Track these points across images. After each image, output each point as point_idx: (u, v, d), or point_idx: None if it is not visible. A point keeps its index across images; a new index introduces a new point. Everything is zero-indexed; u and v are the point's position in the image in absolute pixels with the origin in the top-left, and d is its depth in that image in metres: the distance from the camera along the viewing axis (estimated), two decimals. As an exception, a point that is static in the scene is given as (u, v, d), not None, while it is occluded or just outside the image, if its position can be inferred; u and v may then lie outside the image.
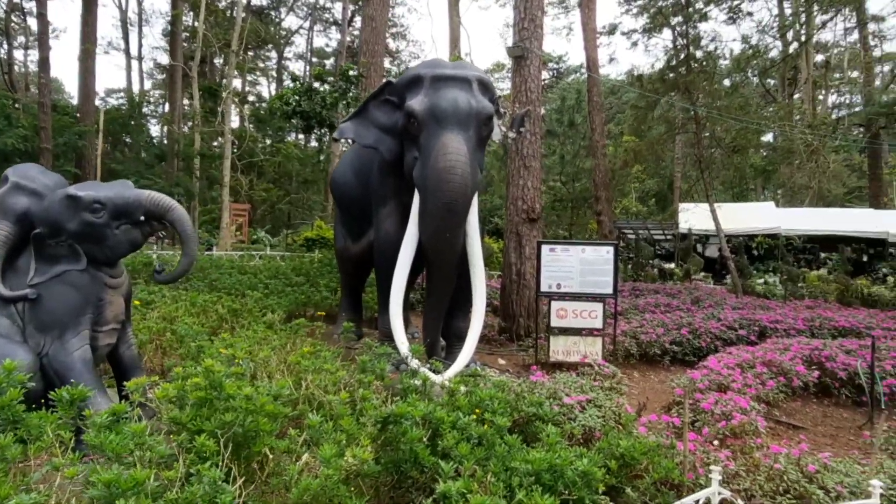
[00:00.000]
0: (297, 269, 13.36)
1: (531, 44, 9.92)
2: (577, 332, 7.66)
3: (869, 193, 34.77)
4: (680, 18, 18.26)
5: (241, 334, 5.36)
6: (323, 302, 10.57)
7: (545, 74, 56.85)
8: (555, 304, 7.64)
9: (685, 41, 15.48)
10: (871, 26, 37.24)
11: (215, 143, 37.81)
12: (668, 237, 28.59)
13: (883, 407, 7.44)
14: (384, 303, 6.24)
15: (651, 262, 23.31)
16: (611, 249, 7.66)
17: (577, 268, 7.62)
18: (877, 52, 42.56)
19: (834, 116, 41.11)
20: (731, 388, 5.84)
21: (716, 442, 4.66)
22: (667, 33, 22.52)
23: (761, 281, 19.19)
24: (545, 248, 7.67)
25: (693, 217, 23.39)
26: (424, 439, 3.25)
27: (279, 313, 7.71)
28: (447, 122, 5.65)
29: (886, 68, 44.68)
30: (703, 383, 5.80)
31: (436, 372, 5.13)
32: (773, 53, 36.34)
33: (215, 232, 28.67)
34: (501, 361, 8.35)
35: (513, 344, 9.68)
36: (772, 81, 40.30)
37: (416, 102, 5.83)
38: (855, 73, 44.00)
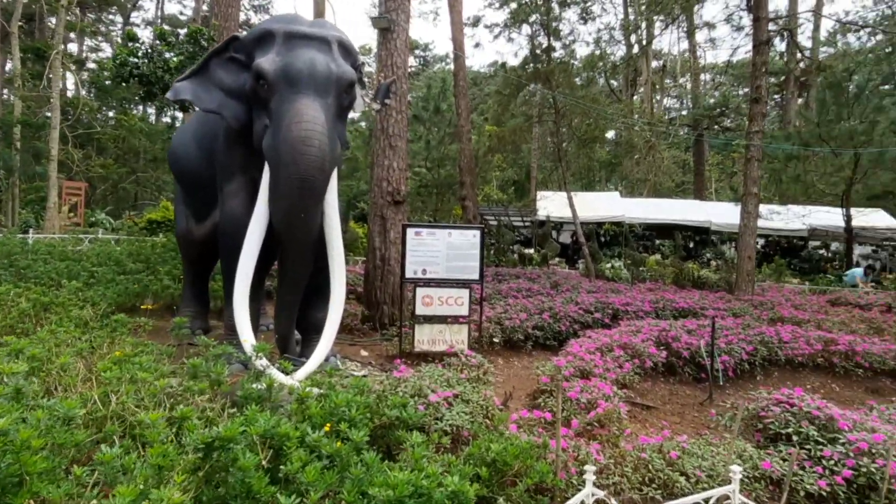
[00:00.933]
0: (134, 254, 11.73)
1: (398, 16, 9.35)
2: (443, 319, 7.31)
3: (694, 187, 38.66)
4: (538, 16, 18.71)
5: (38, 336, 4.27)
6: (163, 292, 9.27)
7: (412, 61, 56.52)
8: (420, 291, 7.22)
9: (545, 32, 15.81)
10: (703, 34, 41.24)
11: (46, 112, 32.99)
12: (527, 223, 29.63)
13: (721, 383, 7.96)
14: (229, 293, 5.37)
15: (512, 247, 23.93)
16: (477, 233, 7.38)
17: (443, 252, 7.25)
18: (708, 59, 47.34)
19: (667, 117, 45.20)
20: (593, 374, 5.79)
21: (585, 443, 4.50)
22: (528, 27, 23.09)
23: (609, 265, 20.39)
24: (410, 232, 7.20)
25: (550, 204, 24.35)
26: (264, 462, 2.62)
27: (102, 307, 6.51)
28: (302, 85, 4.91)
29: (709, 76, 49.76)
30: (567, 370, 5.68)
31: (285, 373, 4.45)
32: (619, 55, 38.97)
33: (42, 212, 24.95)
34: (364, 353, 7.79)
35: (377, 333, 9.16)
36: (615, 83, 43.36)
37: (267, 62, 5.02)
38: (684, 80, 48.60)
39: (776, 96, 37.34)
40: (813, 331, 9.99)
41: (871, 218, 23.43)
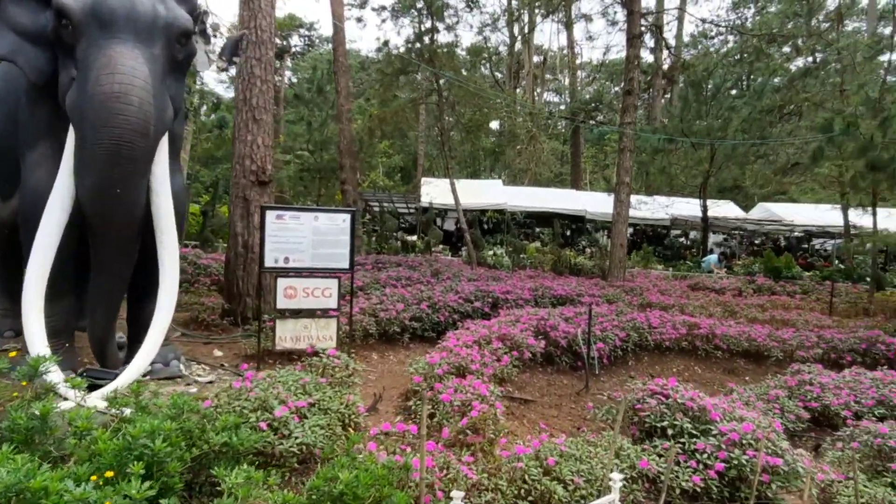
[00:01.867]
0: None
1: (261, -26, 8.33)
2: (309, 313, 6.55)
3: (571, 177, 40.25)
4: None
5: None
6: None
7: (296, 40, 53.85)
8: (282, 282, 6.41)
9: (429, 13, 15.31)
10: (581, 29, 42.86)
11: None
12: (412, 210, 29.19)
13: (596, 371, 7.90)
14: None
15: (395, 234, 23.35)
16: (347, 217, 6.67)
17: (308, 238, 6.47)
18: (585, 57, 49.38)
19: (548, 110, 46.65)
20: (470, 371, 5.34)
21: (457, 455, 4.01)
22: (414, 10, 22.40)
23: (491, 252, 20.44)
24: (271, 215, 6.34)
25: (434, 191, 24.02)
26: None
27: None
28: (118, 29, 3.93)
29: (585, 73, 51.98)
30: (441, 367, 5.18)
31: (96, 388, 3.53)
32: (503, 49, 39.56)
33: None
34: (218, 353, 6.86)
35: (238, 329, 8.19)
36: (500, 74, 44.05)
37: (72, -2, 3.97)
38: (563, 76, 50.44)
39: (644, 94, 39.66)
40: (678, 315, 10.37)
41: (723, 209, 25.46)
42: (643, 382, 5.16)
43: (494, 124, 43.66)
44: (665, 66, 23.24)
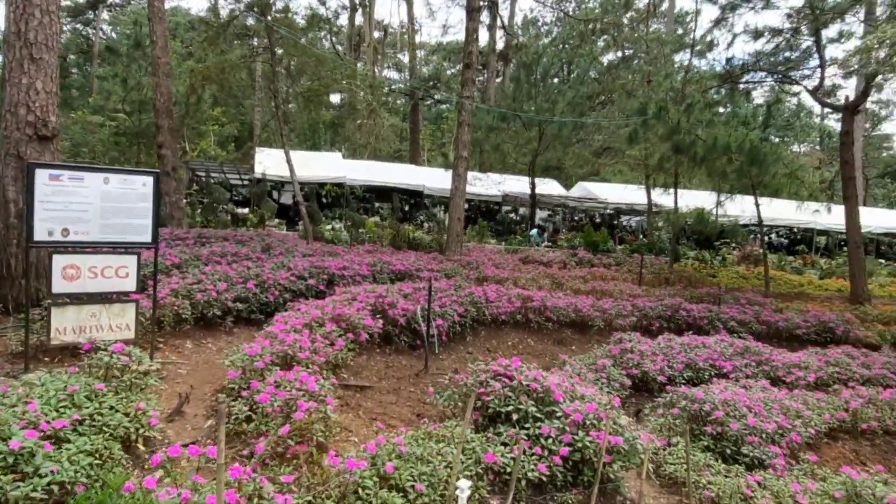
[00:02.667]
0: None
1: None
2: (101, 298, 5.27)
3: (409, 153, 40.12)
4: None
5: None
6: None
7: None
8: (60, 260, 5.05)
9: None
10: (421, 7, 42.42)
11: None
12: (246, 182, 26.91)
13: (436, 350, 7.52)
14: None
15: (224, 206, 21.23)
16: (149, 181, 5.43)
17: (96, 206, 5.16)
18: (424, 37, 49.15)
19: (388, 86, 45.87)
20: (297, 360, 4.58)
21: (272, 476, 3.26)
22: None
23: (329, 227, 19.42)
24: (42, 175, 4.91)
25: (269, 161, 22.22)
26: None
27: None
28: None
29: (425, 53, 51.94)
30: (264, 359, 4.36)
31: None
32: (343, 18, 37.85)
33: None
34: (-30, 350, 5.30)
35: (9, 318, 6.53)
36: (340, 48, 42.23)
37: None
38: (403, 55, 49.88)
39: (479, 76, 40.55)
40: (513, 288, 10.46)
41: (548, 187, 26.93)
42: (485, 363, 4.80)
43: (335, 98, 41.94)
44: (500, 45, 23.67)
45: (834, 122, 49.11)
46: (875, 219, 26.21)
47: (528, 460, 3.68)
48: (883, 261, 23.94)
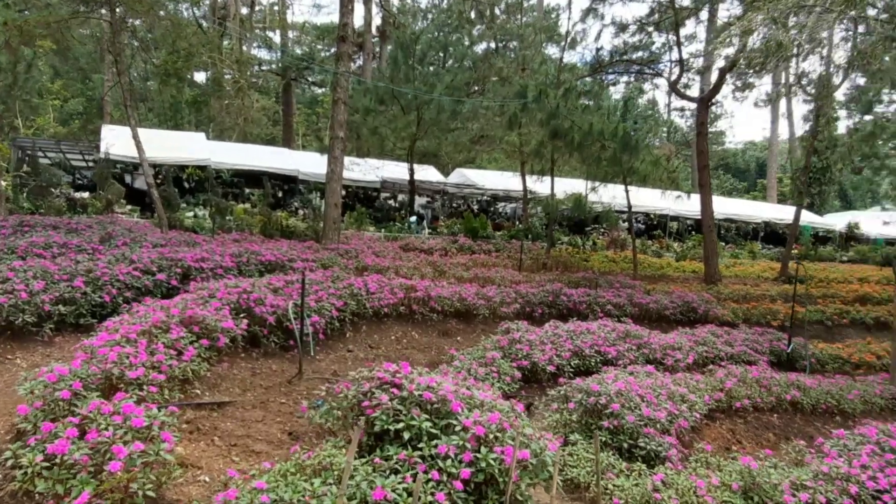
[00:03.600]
0: None
1: None
2: None
3: (283, 137, 37.82)
4: None
5: None
6: None
7: None
8: None
9: None
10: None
11: None
12: (91, 163, 23.54)
13: (312, 352, 6.64)
14: None
15: (60, 190, 18.28)
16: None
17: None
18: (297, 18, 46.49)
19: (258, 64, 42.89)
20: (126, 382, 3.54)
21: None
22: None
23: (191, 214, 17.45)
24: None
25: (118, 140, 19.49)
26: None
27: None
28: None
29: (296, 34, 49.18)
30: (72, 384, 3.27)
31: None
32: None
33: None
34: None
35: None
36: (205, 23, 38.56)
37: None
38: (274, 34, 46.86)
39: (356, 57, 39.07)
40: (395, 278, 9.77)
41: (426, 173, 26.48)
42: (369, 369, 4.06)
43: (200, 76, 38.34)
44: (378, 22, 22.66)
45: (678, 118, 53.91)
46: (715, 206, 28.85)
47: (424, 491, 3.02)
48: (723, 244, 26.38)
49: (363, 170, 23.50)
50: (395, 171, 24.67)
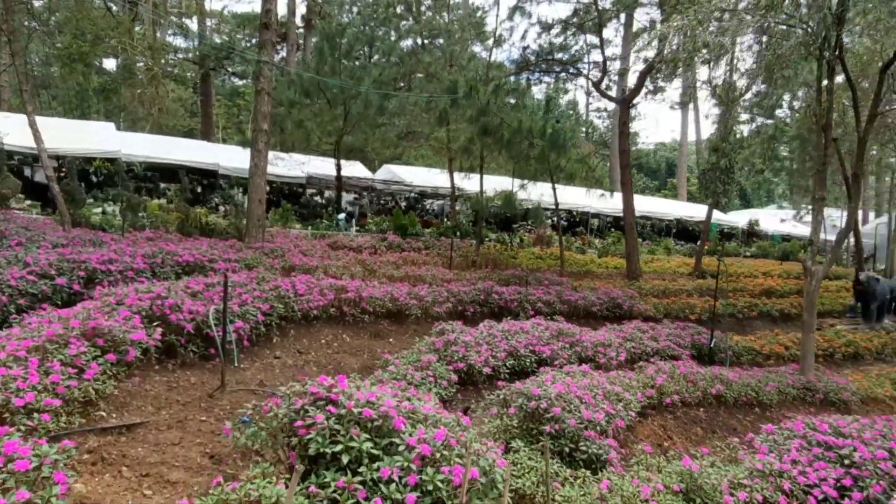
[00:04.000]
0: None
1: None
2: None
3: (201, 129, 35.78)
4: None
5: None
6: None
7: None
8: None
9: None
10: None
11: None
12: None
13: (235, 363, 6.13)
14: None
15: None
16: None
17: None
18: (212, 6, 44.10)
19: (174, 52, 40.38)
20: (12, 411, 2.99)
21: None
22: None
23: (99, 210, 16.04)
24: None
25: (13, 128, 17.61)
26: None
27: None
28: None
29: (215, 22, 46.73)
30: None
31: None
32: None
33: None
34: None
35: None
36: (115, 7, 35.78)
37: None
38: (191, 21, 44.24)
39: (279, 48, 37.55)
40: (324, 278, 9.30)
41: (354, 169, 25.84)
42: (302, 383, 3.69)
43: (110, 63, 35.54)
44: (303, 11, 21.75)
45: (596, 119, 55.87)
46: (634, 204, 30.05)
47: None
48: (641, 240, 27.50)
49: (288, 165, 22.59)
50: (322, 166, 23.90)
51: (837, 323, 12.61)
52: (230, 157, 23.04)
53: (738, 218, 32.34)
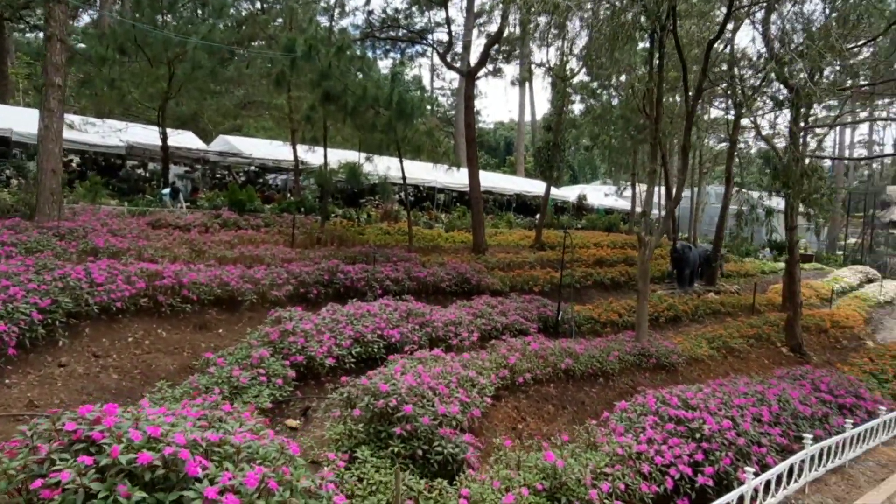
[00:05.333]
0: None
1: None
2: None
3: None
4: None
5: None
6: None
7: None
8: None
9: None
10: None
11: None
12: None
13: (-14, 380, 4.58)
14: None
15: None
16: None
17: None
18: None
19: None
20: None
21: None
22: None
23: None
24: None
25: None
26: None
27: None
28: None
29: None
30: None
31: None
32: None
33: None
34: None
35: None
36: None
37: None
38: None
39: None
40: (134, 263, 7.69)
41: (183, 138, 22.86)
42: (54, 418, 2.55)
43: None
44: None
45: (441, 96, 56.30)
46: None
47: None
48: (484, 214, 28.09)
49: (102, 132, 19.26)
50: (146, 135, 20.74)
51: (658, 289, 13.67)
52: (28, 122, 19.00)
53: (569, 193, 34.51)
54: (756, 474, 3.91)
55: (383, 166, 14.97)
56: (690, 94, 8.68)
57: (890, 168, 43.61)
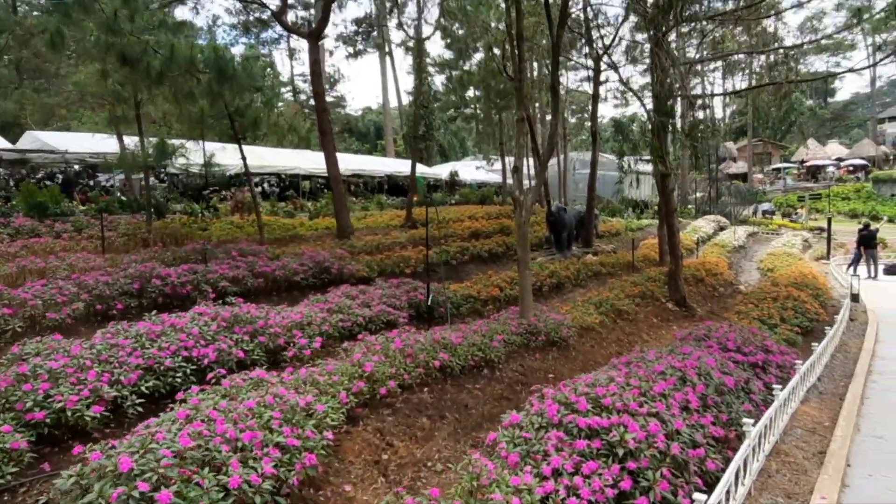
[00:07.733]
0: None
1: None
2: None
3: None
4: None
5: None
6: None
7: None
8: None
9: None
10: None
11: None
12: None
13: None
14: None
15: None
16: None
17: None
18: None
19: None
20: None
21: None
22: None
23: None
24: None
25: None
26: None
27: None
28: None
29: None
30: None
31: None
32: None
33: None
34: None
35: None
36: None
37: None
38: None
39: None
40: None
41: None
42: None
43: None
44: None
45: (301, 83, 52.88)
46: (344, 162, 28.35)
47: None
48: (354, 198, 26.05)
49: None
50: None
51: (538, 256, 12.80)
52: None
53: (441, 171, 33.49)
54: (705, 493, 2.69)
55: (229, 160, 12.55)
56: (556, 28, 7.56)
57: (726, 125, 47.99)
